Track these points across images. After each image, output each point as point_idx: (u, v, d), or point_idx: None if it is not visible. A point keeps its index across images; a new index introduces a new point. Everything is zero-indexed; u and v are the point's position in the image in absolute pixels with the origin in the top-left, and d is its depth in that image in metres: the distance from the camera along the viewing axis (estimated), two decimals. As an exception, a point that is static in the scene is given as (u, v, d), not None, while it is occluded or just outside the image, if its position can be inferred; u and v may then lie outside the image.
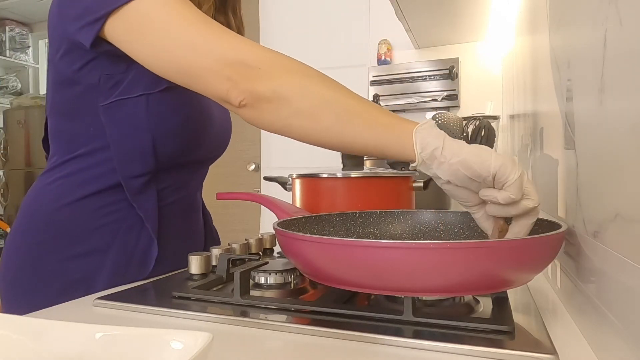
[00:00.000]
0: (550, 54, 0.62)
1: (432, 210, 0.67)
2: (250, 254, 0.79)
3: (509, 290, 0.55)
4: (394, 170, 0.92)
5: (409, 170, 0.98)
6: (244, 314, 0.50)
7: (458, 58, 1.94)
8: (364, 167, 0.87)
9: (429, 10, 1.47)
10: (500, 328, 0.43)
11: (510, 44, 1.35)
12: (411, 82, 2.01)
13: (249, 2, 2.10)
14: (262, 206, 0.76)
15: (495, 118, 1.54)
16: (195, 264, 0.67)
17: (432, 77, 1.97)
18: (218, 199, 0.76)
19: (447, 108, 1.96)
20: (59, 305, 0.57)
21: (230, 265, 0.65)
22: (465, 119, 1.53)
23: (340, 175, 0.81)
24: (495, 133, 1.50)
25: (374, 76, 2.08)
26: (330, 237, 0.47)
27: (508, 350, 0.39)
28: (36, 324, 0.34)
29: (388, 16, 1.87)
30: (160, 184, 0.73)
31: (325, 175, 0.82)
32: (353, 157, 0.85)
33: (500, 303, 0.51)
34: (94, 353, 0.32)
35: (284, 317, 0.49)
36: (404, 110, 2.06)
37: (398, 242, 0.42)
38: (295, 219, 0.62)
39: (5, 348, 0.33)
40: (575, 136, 0.47)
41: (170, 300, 0.56)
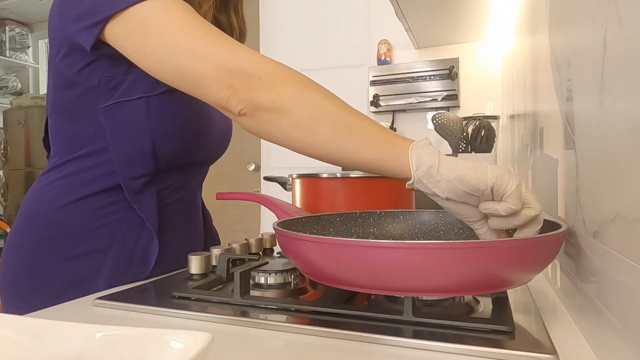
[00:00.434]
0: (550, 54, 0.62)
1: (432, 210, 0.67)
2: (250, 254, 0.79)
3: (509, 290, 0.55)
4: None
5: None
6: (244, 314, 0.50)
7: (458, 58, 1.94)
8: (364, 167, 0.87)
9: (429, 10, 1.47)
10: (500, 328, 0.43)
11: (510, 44, 1.35)
12: (411, 82, 2.01)
13: (249, 2, 2.09)
14: (262, 206, 0.76)
15: (495, 118, 1.54)
16: (195, 264, 0.67)
17: (432, 77, 1.97)
18: (218, 199, 0.76)
19: (447, 108, 1.96)
20: (59, 305, 0.57)
21: (230, 265, 0.65)
22: (465, 119, 1.53)
23: (340, 175, 0.81)
24: (495, 133, 1.50)
25: (374, 76, 2.08)
26: (330, 237, 0.47)
27: (508, 350, 0.39)
28: (36, 324, 0.34)
29: (388, 16, 1.87)
30: (160, 185, 0.73)
31: (325, 175, 0.82)
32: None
33: (500, 303, 0.52)
34: (94, 353, 0.32)
35: (284, 317, 0.49)
36: (404, 110, 2.06)
37: (398, 242, 0.42)
38: (295, 219, 0.62)
39: (5, 348, 0.33)
40: (575, 136, 0.47)
41: (170, 300, 0.56)
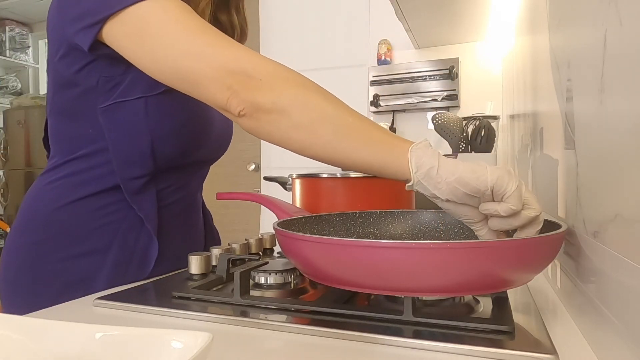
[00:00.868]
0: (550, 54, 0.62)
1: (432, 210, 0.67)
2: (250, 254, 0.79)
3: (509, 290, 0.55)
4: (394, 170, 0.92)
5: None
6: (244, 314, 0.50)
7: (458, 58, 1.94)
8: (364, 167, 0.87)
9: (429, 10, 1.47)
10: (500, 328, 0.43)
11: (510, 44, 1.35)
12: (411, 82, 2.01)
13: (249, 2, 2.09)
14: (262, 206, 0.76)
15: (495, 118, 1.54)
16: (195, 264, 0.67)
17: (432, 77, 1.97)
18: (218, 199, 0.76)
19: (447, 108, 1.96)
20: (59, 305, 0.57)
21: (230, 265, 0.65)
22: (465, 119, 1.53)
23: (340, 175, 0.81)
24: (495, 133, 1.50)
25: (374, 76, 2.08)
26: (330, 237, 0.47)
27: (508, 350, 0.39)
28: (36, 324, 0.34)
29: (388, 16, 1.87)
30: (159, 185, 0.73)
31: (325, 175, 0.82)
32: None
33: (500, 303, 0.52)
34: (94, 353, 0.32)
35: (284, 317, 0.49)
36: (404, 110, 2.06)
37: (398, 242, 0.42)
38: (295, 219, 0.62)
39: (5, 348, 0.33)
40: (575, 136, 0.47)
41: (170, 300, 0.56)
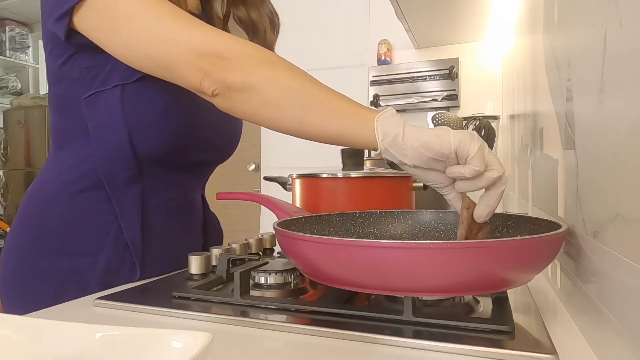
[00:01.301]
0: (550, 54, 0.62)
1: (432, 210, 0.67)
2: (250, 254, 0.79)
3: (509, 290, 0.55)
4: (394, 170, 0.92)
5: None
6: (244, 314, 0.50)
7: (458, 58, 1.94)
8: (364, 167, 0.87)
9: (429, 10, 1.47)
10: (500, 328, 0.43)
11: (510, 44, 1.35)
12: (411, 82, 2.01)
13: (249, 2, 2.09)
14: (262, 206, 0.76)
15: (495, 118, 1.54)
16: (195, 264, 0.67)
17: (432, 77, 1.97)
18: (218, 199, 0.76)
19: (447, 108, 1.96)
20: (59, 305, 0.57)
21: (230, 265, 0.64)
22: (465, 119, 1.53)
23: (340, 175, 0.81)
24: (495, 133, 1.50)
25: (374, 76, 2.08)
26: (330, 237, 0.47)
27: (508, 350, 0.39)
28: (36, 324, 0.34)
29: (388, 16, 1.87)
30: (148, 183, 0.72)
31: (325, 175, 0.82)
32: (353, 157, 0.85)
33: (500, 303, 0.51)
34: (94, 353, 0.32)
35: (284, 317, 0.49)
36: (404, 110, 2.06)
37: (398, 242, 0.42)
38: (295, 219, 0.62)
39: (5, 348, 0.33)
40: (575, 136, 0.47)
41: (170, 300, 0.56)
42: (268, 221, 2.21)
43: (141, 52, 0.59)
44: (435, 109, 1.95)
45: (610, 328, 0.36)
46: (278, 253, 0.84)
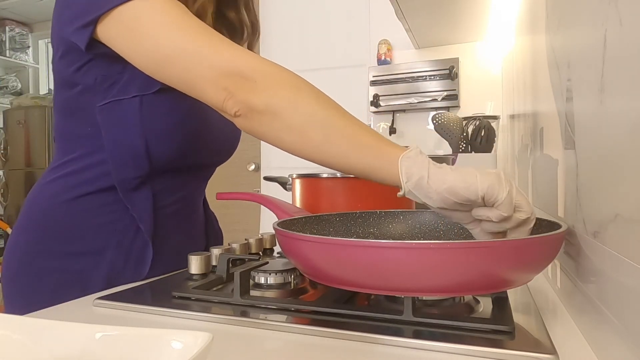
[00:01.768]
0: (550, 54, 0.62)
1: (432, 210, 0.67)
2: (250, 254, 0.79)
3: (509, 290, 0.55)
4: (394, 170, 0.92)
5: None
6: (244, 314, 0.50)
7: (458, 58, 1.94)
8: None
9: (429, 10, 1.47)
10: (500, 328, 0.43)
11: (510, 44, 1.35)
12: (411, 82, 2.01)
13: (249, 2, 2.09)
14: (262, 206, 0.76)
15: (495, 118, 1.55)
16: (195, 264, 0.67)
17: (432, 77, 1.97)
18: (218, 199, 0.76)
19: (447, 108, 1.96)
20: (59, 305, 0.57)
21: (230, 265, 0.64)
22: (465, 119, 1.53)
23: (340, 175, 0.81)
24: (495, 133, 1.51)
25: (374, 76, 2.08)
26: (330, 237, 0.47)
27: (508, 350, 0.39)
28: (36, 324, 0.34)
29: (388, 16, 1.87)
30: (156, 186, 0.73)
31: (325, 175, 0.82)
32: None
33: (500, 303, 0.51)
34: (94, 353, 0.32)
35: (284, 317, 0.49)
36: (404, 110, 2.06)
37: (398, 242, 0.42)
38: (295, 219, 0.62)
39: (5, 348, 0.33)
40: (575, 136, 0.47)
41: (170, 300, 0.56)
42: (268, 221, 2.21)
43: (164, 67, 0.58)
44: (435, 109, 1.95)
45: (610, 328, 0.36)
46: (278, 253, 0.84)
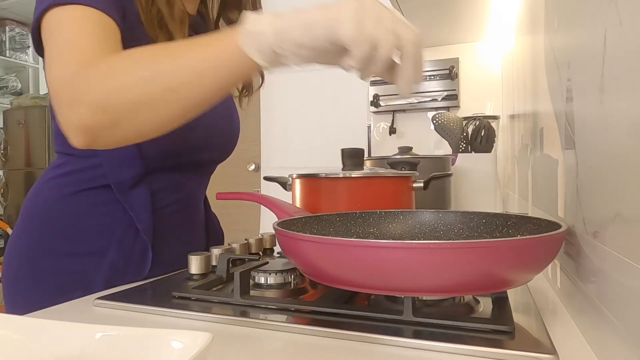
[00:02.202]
0: (550, 54, 0.62)
1: (432, 210, 0.67)
2: (250, 254, 0.79)
3: (509, 290, 0.55)
4: (394, 170, 0.92)
5: (405, 170, 0.98)
6: (244, 314, 0.50)
7: (458, 58, 1.94)
8: (364, 167, 0.87)
9: (429, 10, 1.47)
10: (500, 328, 0.43)
11: (510, 44, 1.35)
12: (411, 82, 2.01)
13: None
14: (262, 206, 0.76)
15: (495, 118, 1.54)
16: (195, 264, 0.67)
17: (432, 77, 1.97)
18: (218, 199, 0.76)
19: (447, 108, 1.96)
20: (59, 305, 0.57)
21: (230, 265, 0.64)
22: (465, 119, 1.53)
23: (340, 175, 0.81)
24: (495, 133, 1.50)
25: (374, 76, 2.07)
26: (330, 237, 0.47)
27: (508, 350, 0.39)
28: (36, 324, 0.34)
29: (388, 16, 1.86)
30: (155, 185, 0.73)
31: (325, 175, 0.82)
32: (353, 157, 0.85)
33: (500, 303, 0.51)
34: (94, 353, 0.32)
35: (284, 317, 0.49)
36: (404, 111, 2.06)
37: (398, 242, 0.42)
38: (295, 219, 0.62)
39: (5, 348, 0.33)
40: (575, 136, 0.47)
41: (170, 300, 0.56)
42: (268, 221, 2.21)
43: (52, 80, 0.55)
44: (435, 109, 1.95)
45: (610, 328, 0.36)
46: (278, 253, 0.84)
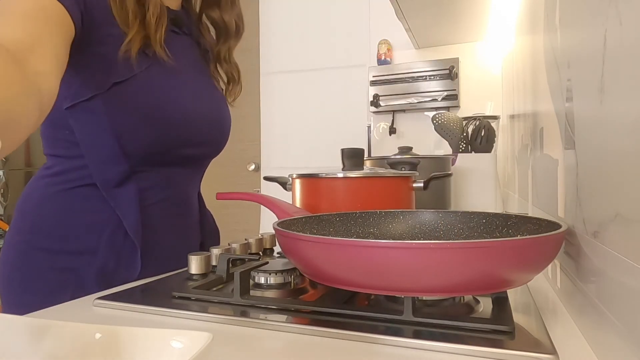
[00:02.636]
0: (550, 54, 0.62)
1: (432, 210, 0.67)
2: (250, 254, 0.79)
3: (509, 290, 0.55)
4: (394, 170, 0.92)
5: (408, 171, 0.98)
6: (244, 314, 0.50)
7: (458, 58, 1.94)
8: (364, 167, 0.87)
9: (429, 10, 1.47)
10: (500, 328, 0.43)
11: (510, 44, 1.35)
12: (411, 82, 2.01)
13: (249, 2, 2.09)
14: (262, 206, 0.76)
15: (495, 118, 1.54)
16: (195, 264, 0.67)
17: (432, 77, 1.97)
18: (218, 199, 0.76)
19: (447, 108, 1.96)
20: (59, 305, 0.57)
21: (230, 265, 0.64)
22: (465, 119, 1.53)
23: (340, 175, 0.81)
24: (495, 133, 1.50)
25: (374, 76, 2.07)
26: (330, 237, 0.47)
27: (508, 350, 0.39)
28: (36, 324, 0.34)
29: (388, 16, 1.87)
30: (143, 183, 0.72)
31: (325, 175, 0.82)
32: (353, 157, 0.85)
33: (500, 303, 0.51)
34: (94, 353, 0.32)
35: (284, 317, 0.49)
36: (404, 111, 2.06)
37: (398, 242, 0.42)
38: (295, 219, 0.62)
39: (5, 348, 0.33)
40: (575, 136, 0.47)
41: (170, 300, 0.56)
42: (268, 221, 2.21)
43: None
44: (435, 109, 1.95)
45: (610, 328, 0.36)
46: (278, 253, 0.84)
